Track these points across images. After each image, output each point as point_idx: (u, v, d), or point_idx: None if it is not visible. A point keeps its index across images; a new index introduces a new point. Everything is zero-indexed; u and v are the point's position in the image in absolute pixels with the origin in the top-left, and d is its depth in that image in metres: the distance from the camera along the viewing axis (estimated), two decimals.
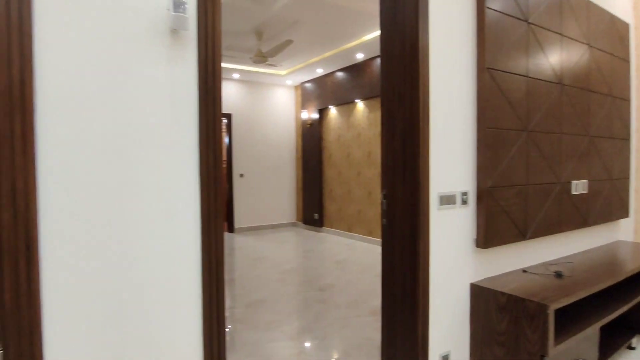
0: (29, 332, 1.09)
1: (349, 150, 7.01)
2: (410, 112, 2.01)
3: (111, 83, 1.23)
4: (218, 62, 1.39)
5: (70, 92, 1.17)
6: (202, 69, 1.36)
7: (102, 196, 1.22)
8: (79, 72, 1.18)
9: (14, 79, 1.08)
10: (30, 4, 1.09)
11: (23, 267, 1.08)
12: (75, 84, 1.17)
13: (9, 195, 1.07)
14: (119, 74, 1.24)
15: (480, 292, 2.19)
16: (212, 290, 1.38)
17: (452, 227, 2.13)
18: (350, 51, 5.99)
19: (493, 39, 2.17)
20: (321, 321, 3.35)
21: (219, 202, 1.38)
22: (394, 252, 2.13)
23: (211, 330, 1.39)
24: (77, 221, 1.18)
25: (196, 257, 1.37)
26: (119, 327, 1.25)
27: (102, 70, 1.21)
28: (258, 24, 4.91)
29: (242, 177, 7.79)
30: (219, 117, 1.38)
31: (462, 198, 2.17)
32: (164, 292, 1.32)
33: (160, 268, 1.31)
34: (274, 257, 5.71)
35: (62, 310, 1.16)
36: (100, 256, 1.22)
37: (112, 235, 1.23)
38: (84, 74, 1.19)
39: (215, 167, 1.37)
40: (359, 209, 6.82)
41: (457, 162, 2.14)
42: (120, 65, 1.24)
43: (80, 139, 1.18)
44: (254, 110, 7.92)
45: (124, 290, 1.26)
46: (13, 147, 1.07)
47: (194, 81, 1.36)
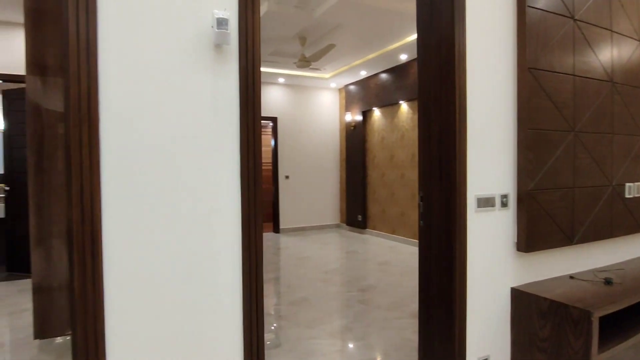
0: (94, 315, 1.25)
1: (393, 152, 6.98)
2: (446, 114, 2.02)
3: (163, 95, 1.37)
4: (257, 73, 1.50)
5: (129, 104, 1.32)
6: (242, 79, 1.48)
7: (156, 196, 1.36)
8: (135, 86, 1.33)
9: (82, 94, 1.24)
10: (95, 30, 1.25)
11: (89, 258, 1.24)
12: (133, 97, 1.32)
13: (78, 195, 1.23)
14: (169, 87, 1.38)
15: (522, 297, 2.14)
16: (252, 286, 1.49)
17: (491, 229, 2.11)
18: (393, 52, 5.98)
19: (535, 38, 2.13)
20: (361, 321, 3.40)
21: (258, 203, 1.49)
22: (430, 254, 2.14)
23: (251, 323, 1.49)
24: (133, 218, 1.33)
25: (237, 254, 1.48)
26: (168, 315, 1.39)
27: (155, 83, 1.36)
28: (301, 29, 5.05)
29: (288, 179, 7.99)
30: (259, 124, 1.49)
31: (502, 200, 2.14)
32: (208, 286, 1.45)
33: (205, 263, 1.44)
34: (318, 258, 5.82)
35: (121, 297, 1.31)
36: (154, 250, 1.36)
37: (164, 232, 1.37)
38: (140, 87, 1.34)
39: (255, 171, 1.48)
40: (403, 211, 6.77)
41: (496, 164, 2.12)
42: (171, 78, 1.38)
43: (136, 146, 1.33)
44: (299, 113, 8.10)
45: (173, 282, 1.39)
46: (81, 153, 1.23)
47: (235, 91, 1.47)
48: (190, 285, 1.42)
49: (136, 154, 1.33)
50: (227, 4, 1.44)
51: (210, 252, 1.44)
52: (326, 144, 8.39)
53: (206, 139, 1.43)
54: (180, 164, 1.40)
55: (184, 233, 1.40)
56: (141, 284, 1.34)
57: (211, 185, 1.44)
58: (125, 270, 1.32)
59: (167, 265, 1.38)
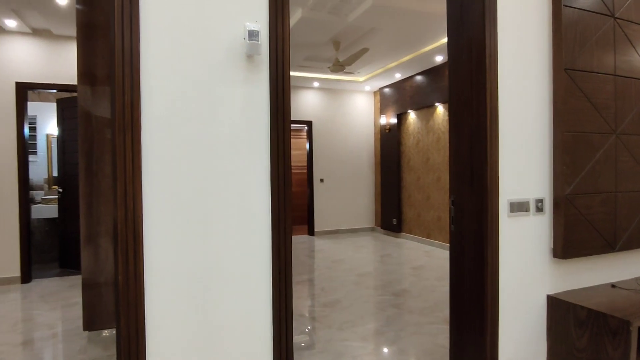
0: (135, 308, 1.35)
1: (428, 154, 6.88)
2: (476, 117, 2.01)
3: (199, 103, 1.46)
4: (287, 81, 1.56)
5: (168, 112, 1.42)
6: (272, 87, 1.54)
7: (192, 198, 1.45)
8: (173, 96, 1.43)
9: (126, 104, 1.35)
10: (138, 45, 1.36)
11: (131, 256, 1.35)
12: (171, 106, 1.42)
13: (122, 196, 1.34)
14: (205, 95, 1.47)
15: (559, 305, 2.08)
16: (282, 286, 1.55)
17: (525, 235, 2.06)
18: (428, 54, 5.92)
19: (571, 38, 2.07)
20: (393, 325, 3.39)
21: (287, 205, 1.55)
22: (462, 259, 2.12)
23: (280, 323, 1.55)
24: (172, 218, 1.42)
25: (267, 255, 1.55)
26: (202, 310, 1.47)
27: (191, 93, 1.45)
28: (335, 34, 5.11)
29: (322, 182, 8.06)
30: (288, 130, 1.55)
31: (537, 205, 2.08)
32: (239, 285, 1.52)
33: (236, 263, 1.51)
34: (351, 261, 5.83)
35: (159, 292, 1.41)
36: (190, 249, 1.45)
37: (200, 231, 1.46)
38: (177, 96, 1.43)
39: (284, 175, 1.54)
40: (439, 215, 6.65)
41: (531, 168, 2.07)
42: (206, 87, 1.47)
43: (174, 152, 1.43)
44: (334, 117, 8.16)
45: (207, 279, 1.48)
46: (125, 158, 1.34)
47: (266, 98, 1.54)
48: (221, 283, 1.50)
49: (174, 159, 1.43)
50: (257, 16, 1.52)
51: (241, 252, 1.52)
52: (361, 147, 8.39)
53: (239, 144, 1.51)
54: (215, 169, 1.48)
55: (217, 234, 1.49)
56: (177, 280, 1.43)
57: (243, 188, 1.52)
58: (163, 267, 1.41)
59: (200, 263, 1.46)
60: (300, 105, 7.92)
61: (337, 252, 6.50)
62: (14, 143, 4.69)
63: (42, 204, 5.77)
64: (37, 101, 6.34)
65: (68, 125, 5.22)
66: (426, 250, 6.47)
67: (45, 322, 3.48)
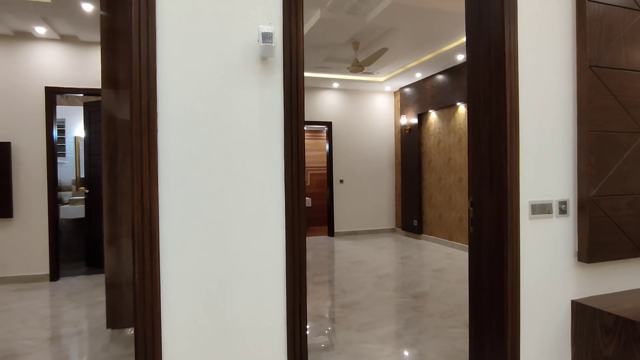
0: (151, 307, 1.38)
1: (450, 155, 6.77)
2: (496, 117, 1.96)
3: (214, 106, 1.48)
4: (301, 82, 1.56)
5: (183, 115, 1.44)
6: (286, 89, 1.54)
7: (207, 200, 1.47)
8: (188, 99, 1.45)
9: (142, 108, 1.37)
10: (155, 49, 1.38)
11: (147, 255, 1.37)
12: (186, 108, 1.44)
13: (139, 198, 1.36)
14: (220, 98, 1.48)
15: (584, 311, 2.00)
16: (295, 286, 1.55)
17: (548, 238, 2.00)
18: (449, 53, 5.83)
19: (597, 33, 1.99)
20: (412, 328, 3.34)
21: (301, 206, 1.54)
22: (481, 261, 2.07)
23: (294, 323, 1.55)
24: (187, 220, 1.44)
25: (281, 256, 1.55)
26: (216, 310, 1.48)
27: (206, 95, 1.47)
28: (354, 34, 5.09)
29: (342, 183, 8.04)
30: (302, 132, 1.55)
31: (560, 207, 2.02)
32: (253, 285, 1.53)
33: (251, 263, 1.52)
34: (371, 262, 5.79)
35: (175, 291, 1.43)
36: (204, 249, 1.46)
37: (214, 232, 1.48)
38: (192, 99, 1.45)
39: (298, 175, 1.54)
40: (461, 217, 6.53)
41: (553, 169, 2.01)
42: (220, 90, 1.48)
43: (189, 154, 1.45)
44: (353, 118, 8.13)
45: (221, 280, 1.49)
46: (141, 160, 1.37)
47: (280, 100, 1.55)
48: (236, 284, 1.51)
49: (189, 161, 1.45)
50: (272, 18, 1.52)
51: (255, 253, 1.53)
52: (381, 148, 8.33)
53: (253, 146, 1.52)
54: (229, 170, 1.49)
55: (232, 235, 1.50)
56: (193, 280, 1.45)
57: (257, 189, 1.53)
58: (179, 267, 1.43)
59: (215, 264, 1.48)
60: (320, 106, 7.93)
61: (356, 253, 6.47)
62: (43, 145, 4.87)
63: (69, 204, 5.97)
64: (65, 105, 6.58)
65: (94, 128, 5.38)
66: (447, 252, 6.37)
67: (71, 320, 3.60)
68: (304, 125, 1.55)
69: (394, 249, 6.87)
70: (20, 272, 4.79)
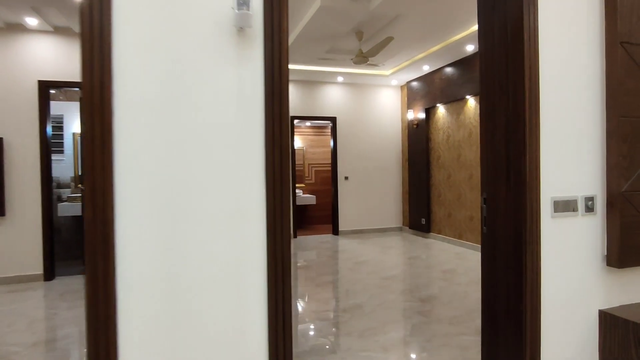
0: (105, 323, 1.16)
1: (460, 151, 6.50)
2: (513, 103, 1.71)
3: (182, 86, 1.26)
4: (285, 59, 1.34)
5: (144, 95, 1.22)
6: (268, 67, 1.32)
7: (174, 196, 1.25)
8: (152, 78, 1.23)
9: (95, 84, 1.16)
10: (110, 17, 1.17)
11: (100, 261, 1.16)
12: (149, 90, 1.23)
13: (91, 193, 1.15)
14: (188, 76, 1.26)
15: (615, 323, 1.75)
16: (278, 296, 1.33)
17: (573, 239, 1.75)
18: (458, 43, 5.55)
19: (628, 5, 1.74)
20: (419, 335, 3.11)
21: (285, 203, 1.32)
22: (495, 265, 1.83)
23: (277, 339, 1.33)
24: (149, 219, 1.23)
25: (261, 259, 1.33)
26: (186, 323, 1.27)
27: (173, 72, 1.25)
28: (357, 23, 4.84)
29: (347, 180, 7.81)
30: (286, 117, 1.32)
31: (587, 204, 1.77)
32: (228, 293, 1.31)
33: (226, 269, 1.30)
34: (376, 262, 5.56)
35: (134, 303, 1.21)
36: (171, 253, 1.25)
37: (183, 234, 1.26)
38: (157, 79, 1.23)
39: (281, 168, 1.31)
40: (471, 215, 6.26)
41: (579, 160, 1.76)
42: (190, 66, 1.26)
43: (153, 141, 1.23)
44: (359, 113, 7.88)
45: (191, 288, 1.27)
46: (93, 149, 1.16)
47: (260, 80, 1.32)
48: (209, 294, 1.29)
49: (153, 151, 1.23)
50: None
51: (231, 256, 1.31)
52: (387, 144, 8.07)
53: (229, 133, 1.30)
54: (200, 163, 1.28)
55: (203, 236, 1.28)
56: (157, 289, 1.24)
57: (233, 184, 1.31)
58: (140, 274, 1.22)
59: (184, 270, 1.26)
60: (324, 101, 7.70)
61: (361, 252, 6.24)
62: (37, 141, 4.70)
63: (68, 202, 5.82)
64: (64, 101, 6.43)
65: None
66: (457, 252, 6.10)
67: (59, 323, 3.42)
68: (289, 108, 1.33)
69: (401, 248, 6.62)
70: (14, 273, 4.63)
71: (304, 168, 9.40)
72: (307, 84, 7.57)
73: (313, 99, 7.62)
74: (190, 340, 1.27)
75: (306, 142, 9.45)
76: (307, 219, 9.23)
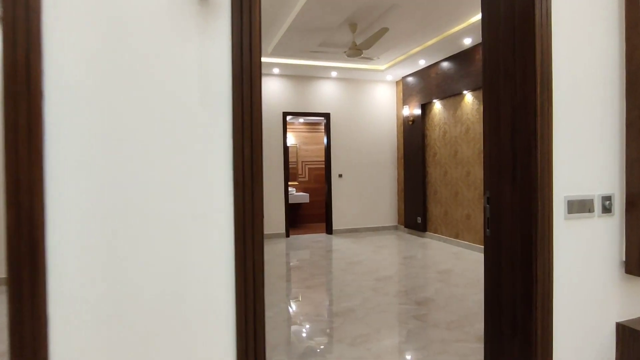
0: (33, 351, 0.95)
1: (457, 147, 6.31)
2: (521, 88, 1.51)
3: (131, 63, 1.04)
4: (256, 35, 1.13)
5: (83, 77, 1.01)
6: (236, 43, 1.11)
7: (119, 194, 1.04)
8: (94, 51, 1.02)
9: (19, 61, 0.94)
10: None
11: (26, 275, 0.95)
12: (89, 68, 1.01)
13: (13, 191, 0.94)
14: (139, 52, 1.05)
15: (634, 336, 1.56)
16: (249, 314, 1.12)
17: (588, 243, 1.56)
18: (455, 37, 5.35)
19: None
20: (415, 342, 2.91)
21: (256, 202, 1.11)
22: (500, 272, 1.64)
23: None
24: (89, 223, 1.01)
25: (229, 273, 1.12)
26: (136, 351, 1.06)
27: (120, 48, 1.04)
28: (351, 14, 4.63)
29: (341, 178, 7.60)
30: (258, 102, 1.11)
31: (604, 204, 1.57)
32: (190, 312, 1.10)
33: (186, 282, 1.09)
34: (371, 263, 5.36)
35: (71, 327, 1.00)
36: (116, 265, 1.04)
37: (133, 242, 1.05)
38: (100, 53, 1.02)
39: (252, 164, 1.11)
40: (468, 214, 6.08)
41: (595, 154, 1.56)
42: (140, 40, 1.05)
43: (95, 129, 1.02)
44: (353, 109, 7.67)
45: (144, 307, 1.06)
46: (16, 136, 0.94)
47: (227, 58, 1.11)
48: (165, 317, 1.08)
49: (93, 142, 1.02)
50: None
51: (190, 270, 1.10)
52: (382, 141, 7.87)
53: (188, 121, 1.09)
54: (154, 153, 1.07)
55: (158, 244, 1.07)
56: (100, 314, 1.02)
57: (193, 182, 1.10)
58: (78, 291, 1.01)
59: (135, 285, 1.05)
60: (318, 97, 7.48)
61: (355, 252, 6.04)
62: None
63: None
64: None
65: None
66: (454, 252, 5.92)
67: None
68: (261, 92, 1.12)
69: (396, 248, 6.44)
70: None
71: (298, 165, 9.19)
72: (300, 79, 7.35)
73: (306, 94, 7.40)
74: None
75: (300, 139, 9.23)
76: (300, 217, 9.03)
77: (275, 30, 5.32)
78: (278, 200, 7.21)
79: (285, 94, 7.26)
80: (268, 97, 7.13)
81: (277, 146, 7.21)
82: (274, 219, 7.18)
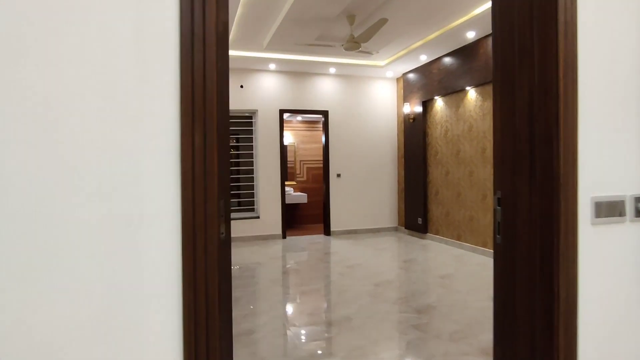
0: None
1: (459, 146, 6.06)
2: (540, 69, 1.27)
3: (49, 20, 0.81)
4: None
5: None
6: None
7: (27, 195, 0.80)
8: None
9: None
10: None
11: None
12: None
13: None
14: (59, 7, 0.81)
15: None
16: (199, 349, 0.88)
17: (619, 253, 1.32)
18: (458, 30, 5.11)
19: None
20: (415, 354, 2.67)
21: (210, 205, 0.87)
22: (514, 287, 1.39)
23: None
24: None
25: (174, 292, 0.88)
26: None
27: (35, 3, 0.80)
28: (348, 5, 4.39)
29: (339, 178, 7.36)
30: (212, 76, 0.87)
31: (637, 206, 1.33)
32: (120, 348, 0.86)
33: (116, 309, 0.85)
34: (369, 266, 5.12)
35: None
36: (27, 288, 0.80)
37: (47, 255, 0.81)
38: (8, 17, 0.78)
39: (204, 153, 0.87)
40: (471, 215, 5.84)
41: (627, 147, 1.32)
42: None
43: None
44: (352, 106, 7.43)
45: (52, 345, 0.82)
46: None
47: (175, 14, 0.87)
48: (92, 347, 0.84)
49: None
50: None
51: (119, 290, 0.86)
52: (382, 139, 7.62)
53: (121, 97, 0.85)
54: (74, 137, 0.83)
55: (79, 258, 0.83)
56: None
57: (126, 179, 0.86)
58: None
59: (48, 312, 0.81)
60: (316, 94, 7.24)
61: (353, 255, 5.80)
62: None
63: None
64: None
65: None
66: (456, 255, 5.67)
67: None
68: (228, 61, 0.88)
69: (396, 250, 6.19)
70: None
71: (295, 165, 8.95)
72: (297, 75, 7.11)
73: (303, 91, 7.16)
74: None
75: (298, 138, 9.00)
76: (298, 218, 8.79)
77: (270, 22, 5.08)
78: (275, 201, 6.97)
79: (282, 90, 7.03)
80: (264, 94, 6.90)
81: (274, 144, 6.97)
82: (270, 219, 6.95)
